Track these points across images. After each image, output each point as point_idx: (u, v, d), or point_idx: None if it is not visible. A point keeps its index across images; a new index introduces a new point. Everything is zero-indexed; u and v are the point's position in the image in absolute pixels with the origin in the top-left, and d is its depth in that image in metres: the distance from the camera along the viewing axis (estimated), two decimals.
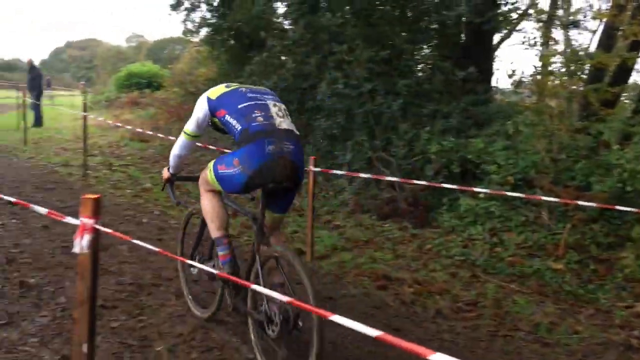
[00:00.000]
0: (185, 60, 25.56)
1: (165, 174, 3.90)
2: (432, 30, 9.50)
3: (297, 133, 3.37)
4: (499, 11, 9.14)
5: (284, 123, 3.26)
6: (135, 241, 2.34)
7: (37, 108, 16.93)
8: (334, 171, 6.82)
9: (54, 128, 16.89)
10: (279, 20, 13.54)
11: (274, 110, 3.28)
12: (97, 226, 2.14)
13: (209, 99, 3.41)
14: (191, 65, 22.81)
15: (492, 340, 4.03)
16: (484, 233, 6.17)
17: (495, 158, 6.62)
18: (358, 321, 1.77)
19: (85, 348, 2.18)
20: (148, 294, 4.27)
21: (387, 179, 6.42)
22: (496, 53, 10.48)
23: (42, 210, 2.52)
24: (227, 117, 3.26)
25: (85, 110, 9.89)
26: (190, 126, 3.51)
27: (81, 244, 2.16)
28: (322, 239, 6.42)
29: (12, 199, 2.95)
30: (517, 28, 10.46)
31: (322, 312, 1.92)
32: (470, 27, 8.95)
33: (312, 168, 5.71)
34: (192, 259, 3.95)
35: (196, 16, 14.30)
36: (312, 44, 9.83)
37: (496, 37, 10.41)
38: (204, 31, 14.59)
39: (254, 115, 3.17)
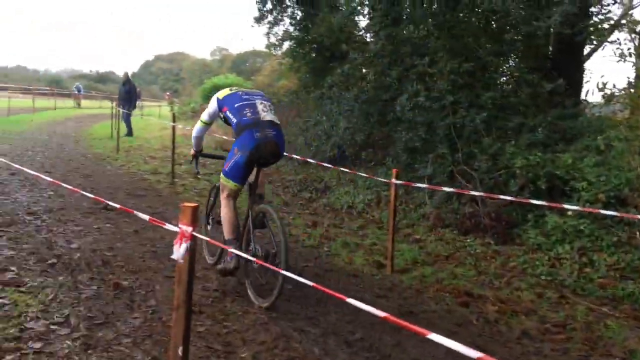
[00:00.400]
0: (266, 72, 26.21)
1: (192, 151, 5.29)
2: (519, 42, 9.26)
3: (278, 122, 4.57)
4: (591, 22, 8.78)
5: (267, 116, 4.47)
6: (233, 250, 2.41)
7: (128, 119, 17.84)
8: (417, 184, 6.74)
9: (143, 137, 17.72)
10: (361, 33, 13.64)
11: (260, 107, 4.50)
12: (195, 233, 2.23)
13: (217, 99, 4.72)
14: (272, 77, 23.35)
15: None
16: (573, 252, 5.91)
17: (585, 174, 6.34)
18: None
19: (180, 351, 2.26)
20: (232, 301, 4.37)
21: (471, 193, 6.27)
22: (585, 65, 10.07)
23: (145, 216, 2.65)
24: (228, 113, 4.53)
25: (174, 121, 10.33)
26: (204, 117, 4.88)
27: (179, 250, 2.24)
28: (402, 252, 6.37)
29: (117, 206, 3.12)
30: (610, 39, 9.97)
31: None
32: (560, 38, 8.66)
33: (394, 181, 5.68)
34: (208, 217, 5.42)
35: (279, 30, 14.66)
36: (394, 56, 9.83)
37: (586, 49, 10.01)
38: (286, 44, 14.93)
39: (244, 112, 4.43)
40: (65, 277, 4.38)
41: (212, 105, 4.74)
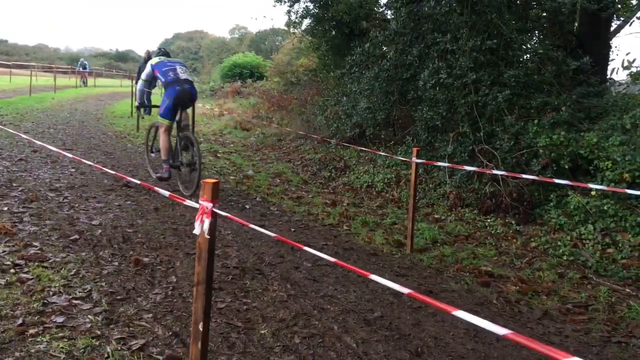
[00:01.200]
0: (285, 51, 26.06)
1: (137, 103, 7.78)
2: (543, 18, 9.04)
3: (191, 79, 7.09)
4: None
5: (184, 75, 6.91)
6: (252, 226, 2.40)
7: (148, 97, 17.86)
8: (438, 163, 6.68)
9: None
10: (381, 9, 13.45)
11: (179, 70, 6.94)
12: (216, 210, 2.22)
13: (151, 64, 7.06)
14: (292, 56, 23.20)
15: (604, 346, 3.80)
16: (595, 233, 5.83)
17: (610, 154, 6.21)
18: None
19: (201, 327, 2.26)
20: (252, 278, 4.39)
21: (493, 172, 6.18)
22: (612, 42, 9.81)
23: (165, 192, 2.64)
24: (158, 74, 6.93)
25: None
26: (143, 76, 7.30)
27: (201, 226, 2.23)
28: (422, 231, 6.33)
29: (137, 181, 3.13)
30: (638, 15, 9.68)
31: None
32: (585, 14, 8.43)
33: (414, 159, 5.61)
34: (151, 148, 8.09)
35: (299, 7, 14.51)
36: (415, 34, 9.67)
37: (612, 25, 9.75)
38: (305, 22, 14.77)
39: (169, 74, 6.85)
40: (87, 253, 4.43)
41: (148, 68, 7.10)
